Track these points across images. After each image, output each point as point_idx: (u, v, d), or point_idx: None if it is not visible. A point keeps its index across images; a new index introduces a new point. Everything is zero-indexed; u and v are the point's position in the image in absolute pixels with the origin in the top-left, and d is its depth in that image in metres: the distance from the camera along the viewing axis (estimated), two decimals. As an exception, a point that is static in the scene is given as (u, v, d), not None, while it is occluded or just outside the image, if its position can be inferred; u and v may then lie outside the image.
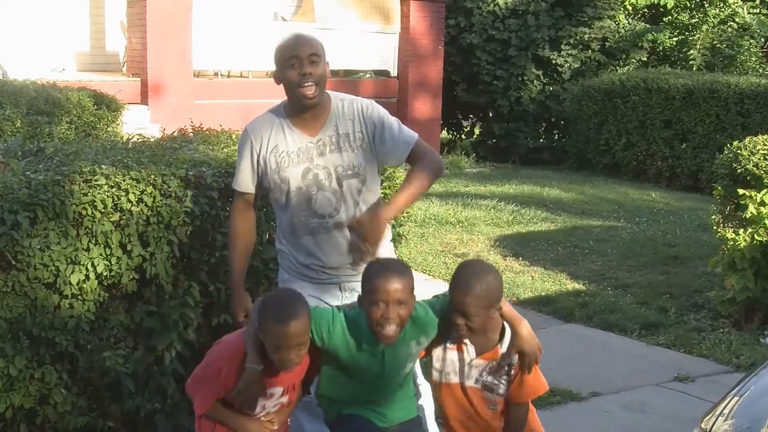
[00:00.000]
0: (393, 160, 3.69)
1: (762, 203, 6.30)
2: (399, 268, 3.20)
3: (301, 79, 3.48)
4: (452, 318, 3.17)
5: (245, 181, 3.64)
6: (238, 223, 3.68)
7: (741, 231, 6.38)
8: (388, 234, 3.67)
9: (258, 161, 3.59)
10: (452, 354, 3.30)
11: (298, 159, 3.55)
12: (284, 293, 3.35)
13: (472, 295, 3.13)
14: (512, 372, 3.26)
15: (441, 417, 3.47)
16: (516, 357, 3.25)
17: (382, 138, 3.57)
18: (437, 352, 3.32)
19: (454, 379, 3.30)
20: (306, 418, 3.59)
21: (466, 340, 3.26)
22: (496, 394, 3.28)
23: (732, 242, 6.41)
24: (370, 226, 3.29)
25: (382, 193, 3.88)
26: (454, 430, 3.38)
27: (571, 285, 7.60)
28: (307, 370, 3.25)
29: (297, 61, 3.51)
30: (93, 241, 3.80)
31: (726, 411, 3.03)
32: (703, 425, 3.02)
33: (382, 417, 3.30)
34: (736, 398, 3.08)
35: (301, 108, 3.55)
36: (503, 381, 3.27)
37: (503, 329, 3.28)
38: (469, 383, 3.29)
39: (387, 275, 3.11)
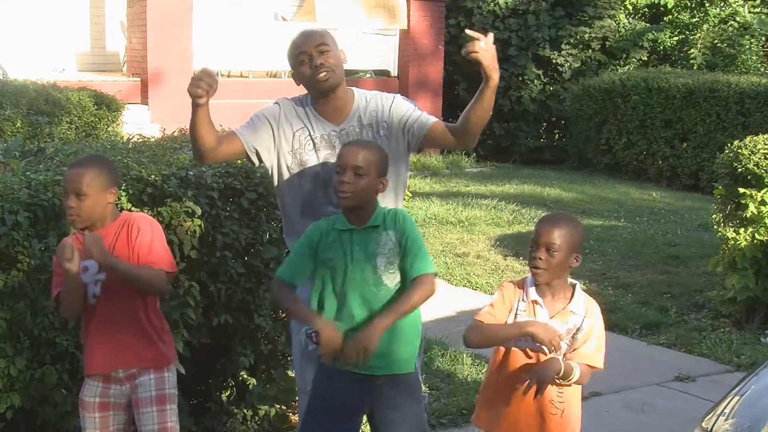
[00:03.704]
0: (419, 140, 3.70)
1: (762, 202, 6.30)
2: (366, 143, 3.40)
3: (314, 72, 3.52)
4: (533, 255, 3.19)
5: (247, 133, 3.59)
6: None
7: (741, 230, 6.38)
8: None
9: (279, 133, 3.60)
10: (526, 318, 3.23)
11: (321, 145, 3.60)
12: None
13: (560, 228, 3.18)
14: (580, 335, 3.24)
15: (489, 389, 3.37)
16: (594, 318, 3.26)
17: (408, 123, 3.64)
18: (509, 319, 3.26)
19: (527, 345, 3.22)
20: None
21: (539, 301, 3.22)
22: (561, 355, 3.24)
23: (733, 242, 6.42)
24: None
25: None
26: (498, 404, 3.30)
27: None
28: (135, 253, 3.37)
29: (306, 57, 3.55)
30: (93, 241, 3.80)
31: (727, 410, 3.03)
32: (704, 425, 3.02)
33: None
34: (737, 398, 3.08)
35: (320, 94, 3.59)
36: (568, 342, 3.24)
37: (573, 291, 3.27)
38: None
39: (352, 145, 3.34)
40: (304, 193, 3.61)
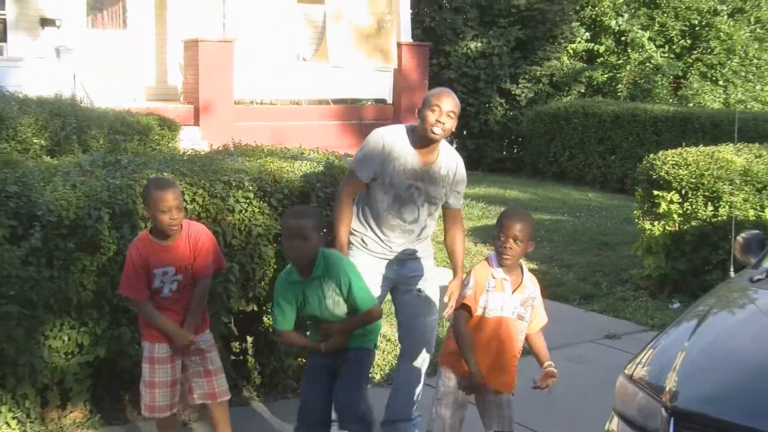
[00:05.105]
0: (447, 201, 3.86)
1: (671, 201, 6.33)
2: (302, 211, 3.29)
3: (435, 124, 3.55)
4: (503, 245, 3.12)
5: (366, 173, 3.64)
6: (346, 202, 3.65)
7: (656, 223, 6.41)
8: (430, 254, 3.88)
9: (384, 160, 3.61)
10: (495, 294, 3.19)
11: (407, 175, 3.64)
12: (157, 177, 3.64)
13: (522, 222, 3.15)
14: (534, 302, 3.25)
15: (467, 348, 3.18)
16: (537, 289, 3.27)
17: (455, 186, 3.83)
18: (482, 296, 3.19)
19: (496, 313, 3.20)
20: None
21: (506, 278, 3.18)
22: (525, 321, 3.26)
23: (649, 231, 6.45)
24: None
25: None
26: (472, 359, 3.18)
27: (527, 265, 7.55)
28: (196, 259, 3.36)
29: (438, 110, 3.55)
30: (158, 232, 3.80)
31: (644, 360, 3.05)
32: (626, 371, 3.04)
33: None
34: (651, 350, 3.10)
35: (421, 141, 3.62)
36: (529, 310, 3.27)
37: (522, 268, 3.28)
38: (507, 315, 3.22)
39: (293, 217, 3.20)
40: (384, 204, 3.67)
